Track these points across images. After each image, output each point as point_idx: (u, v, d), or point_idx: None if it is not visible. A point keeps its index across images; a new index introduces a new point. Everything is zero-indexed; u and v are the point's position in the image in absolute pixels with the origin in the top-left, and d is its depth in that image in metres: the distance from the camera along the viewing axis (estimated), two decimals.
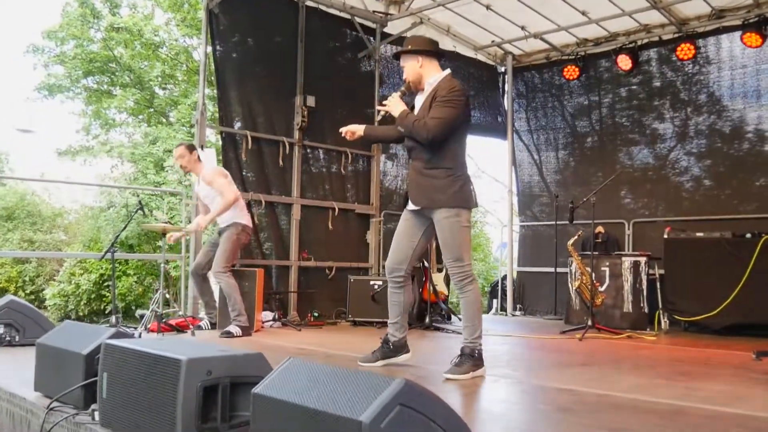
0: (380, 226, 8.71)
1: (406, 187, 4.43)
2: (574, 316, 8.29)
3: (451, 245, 4.18)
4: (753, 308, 6.93)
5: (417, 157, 4.26)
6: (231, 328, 6.13)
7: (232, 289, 6.24)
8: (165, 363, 2.40)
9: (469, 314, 4.22)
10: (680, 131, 8.90)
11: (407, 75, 4.41)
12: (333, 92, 8.37)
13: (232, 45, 7.53)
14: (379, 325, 7.36)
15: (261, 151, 7.66)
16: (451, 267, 4.20)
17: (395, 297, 4.54)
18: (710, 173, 8.54)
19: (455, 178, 4.18)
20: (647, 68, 9.19)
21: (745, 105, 8.37)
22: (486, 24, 9.41)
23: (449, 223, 4.15)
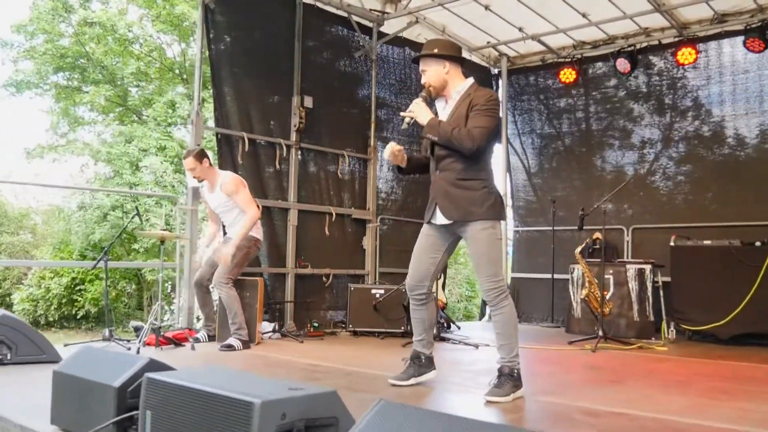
0: (377, 232, 8.43)
1: (432, 199, 4.13)
2: (576, 325, 8.13)
3: (488, 259, 3.97)
4: (762, 318, 6.83)
5: (448, 167, 4.03)
6: (232, 341, 5.81)
7: (233, 301, 5.92)
8: (232, 405, 2.10)
9: (507, 332, 4.00)
10: (680, 136, 8.79)
11: (430, 80, 4.11)
12: (329, 93, 8.09)
13: (228, 42, 7.19)
14: (382, 336, 7.10)
15: (257, 153, 7.33)
16: (487, 282, 3.97)
17: (418, 314, 4.34)
18: (713, 180, 8.41)
19: (490, 190, 4.02)
20: (646, 72, 9.07)
21: (748, 110, 8.29)
22: (482, 24, 9.20)
23: (487, 235, 3.96)
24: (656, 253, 8.09)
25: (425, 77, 4.12)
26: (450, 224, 4.05)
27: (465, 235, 4.03)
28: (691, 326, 7.29)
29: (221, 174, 6.19)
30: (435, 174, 4.11)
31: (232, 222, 6.16)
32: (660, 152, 8.98)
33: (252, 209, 6.02)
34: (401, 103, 8.98)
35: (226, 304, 5.93)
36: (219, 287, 5.91)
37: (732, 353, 6.36)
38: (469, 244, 4.02)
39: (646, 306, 7.60)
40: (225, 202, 6.10)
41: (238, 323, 5.88)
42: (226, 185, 6.05)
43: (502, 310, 3.98)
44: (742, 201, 8.08)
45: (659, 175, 8.90)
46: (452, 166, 4.01)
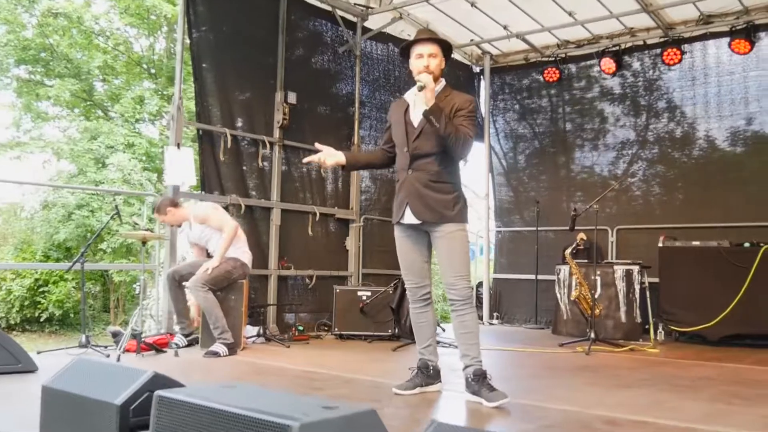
0: (360, 232, 8.21)
1: (403, 199, 3.97)
2: (563, 327, 8.02)
3: (459, 260, 3.90)
4: (751, 319, 6.79)
5: (423, 168, 3.92)
6: (216, 348, 5.53)
7: (212, 305, 5.66)
8: (263, 428, 1.87)
9: (477, 330, 3.99)
10: (663, 136, 8.75)
11: (435, 68, 3.93)
12: (313, 88, 7.85)
13: (210, 35, 6.89)
14: (369, 339, 6.89)
15: (239, 150, 7.06)
16: (457, 283, 3.88)
17: (424, 317, 4.19)
18: (698, 181, 8.38)
19: (460, 194, 3.99)
20: (631, 72, 9.01)
21: (732, 112, 8.27)
22: (466, 22, 9.04)
23: (459, 236, 3.93)
24: (641, 254, 8.04)
25: (433, 64, 3.92)
26: (420, 224, 3.95)
27: (436, 235, 3.94)
28: (680, 327, 7.23)
29: (191, 207, 6.03)
30: (406, 172, 3.96)
31: (215, 241, 5.94)
32: (642, 153, 8.93)
33: (228, 225, 5.86)
34: (385, 100, 8.78)
35: (205, 309, 5.67)
36: (195, 291, 5.64)
37: (724, 355, 6.30)
38: (441, 245, 3.93)
39: (633, 307, 7.52)
40: (202, 230, 5.98)
41: (221, 327, 5.61)
42: (197, 216, 5.93)
43: (471, 310, 3.93)
44: (727, 202, 8.06)
45: (643, 176, 8.84)
46: (427, 166, 3.91)
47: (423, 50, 3.94)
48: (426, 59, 3.91)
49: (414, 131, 3.96)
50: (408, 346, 6.40)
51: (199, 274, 5.66)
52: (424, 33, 4.09)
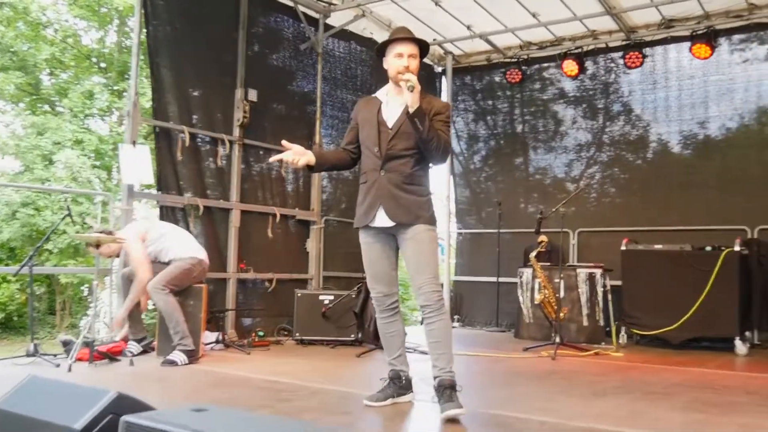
0: (321, 234, 8.02)
1: (375, 201, 3.80)
2: (526, 330, 7.98)
3: (429, 262, 3.76)
4: (711, 322, 6.82)
5: (396, 169, 3.78)
6: (175, 357, 5.27)
7: (172, 308, 5.41)
8: None
9: (447, 340, 3.80)
10: (623, 139, 8.79)
11: (415, 72, 3.75)
12: (274, 86, 7.64)
13: (168, 28, 6.62)
14: (332, 345, 6.71)
15: (197, 149, 6.81)
16: (428, 285, 3.71)
17: (392, 327, 4.02)
18: (659, 184, 8.41)
19: (430, 198, 3.90)
20: (593, 74, 9.02)
21: (693, 116, 8.34)
22: (430, 21, 8.91)
23: (429, 237, 3.80)
24: (602, 257, 8.01)
25: (413, 64, 3.76)
26: (390, 227, 3.79)
27: (404, 236, 3.78)
28: (642, 331, 7.23)
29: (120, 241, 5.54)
30: (377, 173, 3.81)
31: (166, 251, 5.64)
32: (600, 156, 8.97)
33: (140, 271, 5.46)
34: (346, 99, 8.60)
35: (164, 313, 5.41)
36: (155, 293, 5.38)
37: (687, 359, 6.31)
38: (410, 246, 3.77)
39: (596, 310, 7.51)
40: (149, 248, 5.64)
41: (181, 332, 5.37)
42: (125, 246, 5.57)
43: (442, 316, 3.75)
44: (685, 205, 8.12)
45: (603, 179, 8.86)
46: (400, 168, 3.78)
47: (404, 50, 3.77)
48: (406, 59, 3.75)
49: (388, 131, 3.81)
50: (372, 352, 6.25)
51: (159, 275, 5.41)
52: (403, 32, 3.88)
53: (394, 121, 3.81)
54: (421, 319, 3.84)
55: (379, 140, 3.82)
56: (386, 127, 3.83)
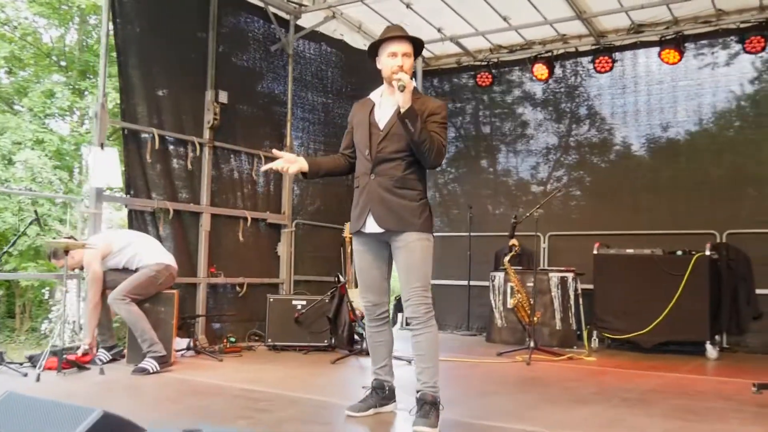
0: (292, 237, 7.91)
1: (365, 205, 3.68)
2: (498, 334, 7.97)
3: (420, 270, 3.60)
4: (682, 326, 6.90)
5: (386, 173, 3.64)
6: (146, 364, 5.14)
7: (135, 317, 5.27)
8: None
9: (432, 353, 3.64)
10: (593, 143, 8.86)
11: (409, 71, 3.64)
12: (244, 88, 7.52)
13: (137, 28, 6.45)
14: (304, 350, 6.61)
15: (167, 151, 6.65)
16: (417, 296, 3.58)
17: (380, 337, 3.93)
18: (628, 189, 8.49)
19: (425, 202, 3.70)
20: (562, 78, 9.07)
21: (662, 120, 8.43)
22: (400, 23, 8.84)
23: (422, 246, 3.61)
24: (572, 260, 8.06)
25: (407, 64, 3.63)
26: (382, 233, 3.66)
27: (396, 245, 3.64)
28: (614, 335, 7.28)
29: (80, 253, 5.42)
30: (368, 177, 3.68)
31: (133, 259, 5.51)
32: (568, 159, 9.03)
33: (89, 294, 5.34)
34: (317, 101, 8.51)
35: (129, 323, 5.27)
36: (116, 304, 5.24)
37: (659, 363, 6.38)
38: (401, 255, 3.64)
39: (569, 314, 7.54)
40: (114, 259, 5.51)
41: (149, 339, 5.23)
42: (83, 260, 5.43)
43: (430, 329, 3.61)
44: (655, 209, 8.20)
45: (571, 182, 8.91)
46: (391, 171, 3.64)
47: (397, 49, 3.63)
48: (400, 58, 3.62)
49: (379, 133, 3.68)
50: (346, 359, 6.18)
51: (121, 285, 5.27)
52: (396, 30, 3.74)
53: (386, 122, 3.70)
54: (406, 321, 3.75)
55: (369, 142, 3.70)
56: (377, 128, 3.72)
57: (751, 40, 7.62)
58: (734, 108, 7.99)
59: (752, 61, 7.87)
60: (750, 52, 7.71)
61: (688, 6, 7.78)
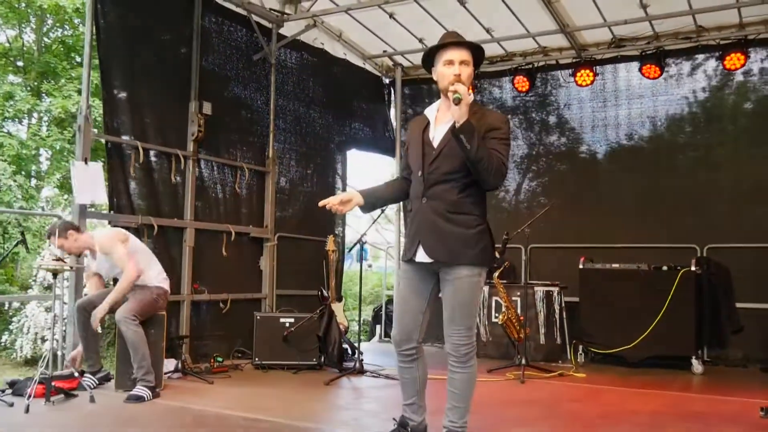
0: (275, 251, 7.73)
1: (416, 233, 3.43)
2: (482, 349, 7.91)
3: (467, 310, 3.40)
4: (669, 341, 6.95)
5: (440, 196, 3.37)
6: (140, 392, 4.93)
7: (140, 341, 5.08)
8: None
9: (465, 393, 3.47)
10: (573, 156, 8.92)
11: (467, 81, 3.38)
12: (227, 99, 7.34)
13: (121, 37, 6.22)
14: (293, 370, 6.46)
15: (151, 165, 6.43)
16: (462, 336, 3.39)
17: (408, 373, 3.63)
18: (612, 201, 8.53)
19: (484, 229, 3.41)
20: (543, 90, 9.10)
21: (642, 135, 8.50)
22: (381, 33, 8.79)
23: (471, 283, 3.38)
24: (554, 273, 8.07)
25: (465, 72, 3.39)
26: (431, 263, 3.42)
27: (446, 277, 3.39)
28: (600, 349, 7.30)
29: (95, 236, 5.36)
30: (420, 201, 3.43)
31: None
32: (553, 171, 9.07)
33: (129, 267, 5.19)
34: (300, 111, 8.35)
35: (132, 345, 5.05)
36: (125, 324, 5.03)
37: (647, 378, 6.43)
38: (448, 289, 3.40)
39: (554, 329, 7.55)
40: (105, 262, 5.36)
41: (145, 367, 5.03)
42: (102, 246, 5.28)
43: (468, 369, 3.45)
44: (637, 223, 8.27)
45: (555, 194, 8.91)
46: (445, 195, 3.37)
47: (454, 56, 3.39)
48: (457, 66, 3.36)
49: (432, 151, 3.41)
50: (339, 380, 6.05)
51: (128, 304, 5.07)
52: (452, 36, 3.52)
53: (440, 139, 3.42)
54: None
55: (422, 162, 3.44)
56: (430, 146, 3.44)
57: (731, 56, 7.73)
58: (715, 124, 8.11)
59: (732, 77, 8.00)
60: (729, 69, 7.83)
61: (669, 22, 7.86)
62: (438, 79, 3.47)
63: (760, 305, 7.46)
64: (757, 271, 7.54)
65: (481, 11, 7.95)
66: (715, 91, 8.15)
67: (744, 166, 7.88)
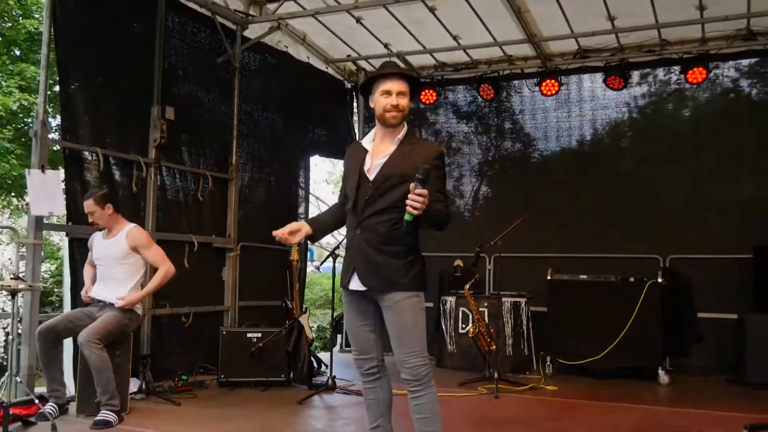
0: (237, 261, 7.47)
1: (350, 263, 3.41)
2: (449, 360, 7.85)
3: (413, 332, 3.30)
4: (636, 352, 7.00)
5: (372, 227, 3.33)
6: (106, 416, 4.66)
7: (104, 365, 4.78)
8: None
9: (437, 414, 3.34)
10: (536, 165, 8.94)
11: (405, 110, 3.36)
12: (189, 103, 7.04)
13: (80, 37, 5.87)
14: (261, 387, 6.23)
15: (111, 173, 6.11)
16: (414, 358, 3.26)
17: (371, 394, 3.54)
18: (570, 212, 8.54)
19: (415, 258, 3.37)
20: (507, 99, 9.08)
21: (604, 145, 8.55)
22: (346, 37, 8.62)
23: (411, 304, 3.31)
24: (519, 283, 8.01)
25: (403, 103, 3.35)
26: (365, 290, 3.37)
27: (383, 304, 3.33)
28: (568, 360, 7.29)
29: (127, 224, 5.23)
30: (354, 231, 3.40)
31: (113, 279, 5.11)
32: (510, 179, 9.05)
33: (168, 264, 5.24)
34: (262, 117, 8.10)
35: (96, 368, 4.75)
36: (89, 347, 4.73)
37: (617, 390, 6.49)
38: (389, 315, 3.33)
39: (521, 340, 7.52)
40: (123, 255, 5.15)
41: (110, 392, 4.75)
42: (135, 237, 5.17)
43: (429, 390, 3.32)
44: (600, 233, 8.32)
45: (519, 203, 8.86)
46: (378, 227, 3.31)
47: (393, 87, 3.33)
48: (395, 98, 3.32)
49: (368, 185, 3.36)
50: (311, 398, 5.86)
51: (95, 327, 4.78)
52: (392, 67, 3.46)
53: (375, 175, 3.36)
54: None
55: (356, 194, 3.38)
56: (366, 180, 3.38)
57: (693, 70, 7.82)
58: (676, 137, 8.19)
59: (693, 91, 8.11)
60: (691, 83, 7.92)
61: (635, 35, 7.92)
62: (375, 107, 3.44)
63: (720, 315, 7.56)
64: (717, 281, 7.65)
65: (450, 19, 7.85)
66: (677, 103, 8.26)
67: (704, 179, 8.00)
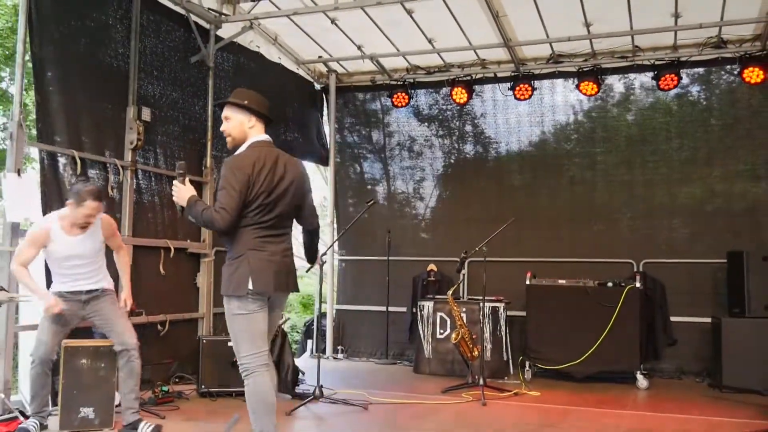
0: (212, 267, 7.26)
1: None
2: (426, 365, 7.79)
3: (231, 337, 3.78)
4: (615, 357, 7.07)
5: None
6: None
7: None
8: None
9: (251, 408, 3.79)
10: (513, 170, 8.96)
11: (232, 130, 3.82)
12: (163, 104, 6.81)
13: (56, 36, 5.60)
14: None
15: (87, 176, 5.84)
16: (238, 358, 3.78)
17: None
18: (544, 217, 8.59)
19: (231, 263, 3.77)
20: (480, 103, 9.07)
21: (582, 150, 8.61)
22: (318, 38, 8.48)
23: (227, 311, 3.79)
24: (493, 287, 7.99)
25: (227, 126, 3.84)
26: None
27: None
28: (547, 365, 7.32)
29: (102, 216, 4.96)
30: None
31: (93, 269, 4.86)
32: (479, 184, 9.05)
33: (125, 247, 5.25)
34: None
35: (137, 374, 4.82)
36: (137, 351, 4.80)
37: (599, 395, 6.56)
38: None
39: (500, 345, 7.51)
40: (101, 245, 4.88)
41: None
42: (110, 223, 4.94)
43: (246, 388, 3.75)
44: (572, 238, 8.41)
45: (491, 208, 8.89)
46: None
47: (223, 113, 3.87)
48: (224, 122, 3.85)
49: None
50: (300, 408, 5.72)
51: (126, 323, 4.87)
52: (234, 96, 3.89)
53: None
54: None
55: None
56: None
57: (665, 77, 7.95)
58: (649, 143, 8.30)
59: (665, 96, 8.24)
60: (663, 89, 8.05)
61: (608, 41, 8.00)
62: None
63: (692, 319, 7.71)
64: (689, 285, 7.80)
65: (426, 21, 7.79)
66: (650, 110, 8.38)
67: (676, 184, 8.14)
